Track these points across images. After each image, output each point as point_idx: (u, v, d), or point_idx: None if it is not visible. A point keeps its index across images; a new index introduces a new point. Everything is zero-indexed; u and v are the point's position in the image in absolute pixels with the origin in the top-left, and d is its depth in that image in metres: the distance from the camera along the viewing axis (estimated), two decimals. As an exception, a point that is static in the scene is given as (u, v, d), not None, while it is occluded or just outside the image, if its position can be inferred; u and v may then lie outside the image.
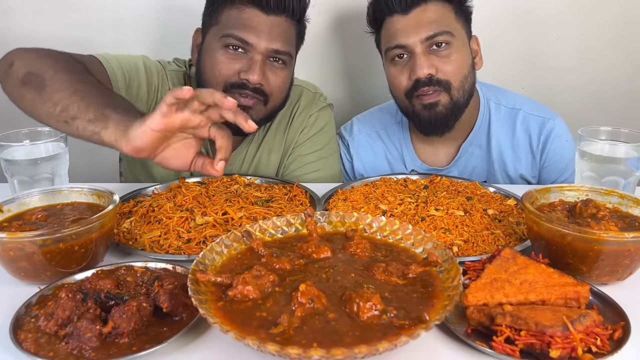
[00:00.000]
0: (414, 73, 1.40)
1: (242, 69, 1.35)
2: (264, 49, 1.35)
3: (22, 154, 1.18)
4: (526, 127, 1.58)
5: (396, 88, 1.48)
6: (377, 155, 1.67)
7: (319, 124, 1.60)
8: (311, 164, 1.58)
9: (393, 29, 1.43)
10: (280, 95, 1.44)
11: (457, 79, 1.43)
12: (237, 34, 1.34)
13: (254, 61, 1.35)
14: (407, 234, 0.93)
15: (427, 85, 1.40)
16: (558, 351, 0.69)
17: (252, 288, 0.76)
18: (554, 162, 1.58)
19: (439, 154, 1.63)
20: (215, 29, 1.39)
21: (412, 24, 1.40)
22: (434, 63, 1.40)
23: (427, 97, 1.42)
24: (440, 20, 1.40)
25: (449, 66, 1.41)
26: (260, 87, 1.37)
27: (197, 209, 1.16)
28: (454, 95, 1.43)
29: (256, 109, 1.40)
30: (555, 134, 1.56)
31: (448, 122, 1.47)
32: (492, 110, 1.59)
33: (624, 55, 2.04)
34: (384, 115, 1.70)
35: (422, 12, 1.39)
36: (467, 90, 1.46)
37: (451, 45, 1.41)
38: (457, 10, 1.45)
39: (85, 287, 0.82)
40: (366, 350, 0.63)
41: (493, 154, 1.59)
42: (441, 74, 1.41)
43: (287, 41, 1.39)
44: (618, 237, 0.86)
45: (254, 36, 1.34)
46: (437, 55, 1.41)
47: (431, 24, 1.39)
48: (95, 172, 2.13)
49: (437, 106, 1.43)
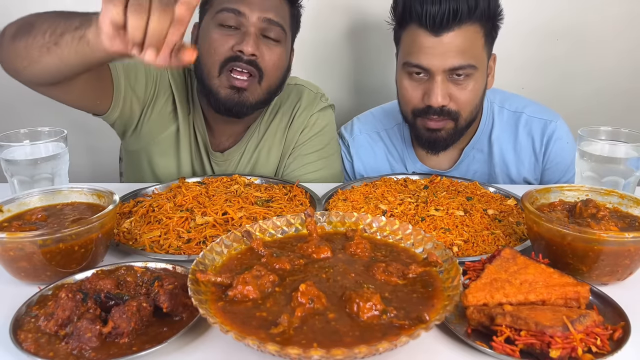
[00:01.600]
0: (428, 98, 1.38)
1: (236, 42, 1.36)
2: (257, 18, 1.35)
3: (22, 154, 1.17)
4: (529, 129, 1.58)
5: (405, 101, 1.46)
6: (378, 156, 1.66)
7: (319, 124, 1.60)
8: (311, 163, 1.58)
9: (418, 45, 1.36)
10: (276, 73, 1.43)
11: (467, 110, 1.42)
12: (230, 6, 1.35)
13: (247, 33, 1.35)
14: (407, 234, 0.93)
15: (437, 114, 1.40)
16: (558, 351, 0.69)
17: (252, 288, 0.76)
18: (556, 164, 1.58)
19: (440, 158, 1.62)
20: (210, 11, 1.41)
21: (439, 50, 1.33)
22: (450, 91, 1.38)
23: (433, 123, 1.42)
24: (469, 51, 1.35)
25: (464, 96, 1.39)
26: (254, 60, 1.36)
27: (197, 209, 1.16)
28: (459, 124, 1.43)
29: (251, 89, 1.39)
30: (557, 136, 1.56)
31: (447, 145, 1.48)
32: (496, 114, 1.59)
33: (626, 56, 2.04)
34: (385, 116, 1.69)
35: (453, 38, 1.33)
36: (474, 116, 1.47)
37: (471, 77, 1.38)
38: (487, 34, 1.39)
39: (85, 287, 0.82)
40: (366, 350, 0.63)
41: (495, 158, 1.59)
42: (453, 104, 1.39)
43: (279, 14, 1.40)
44: (618, 237, 0.86)
45: (246, 6, 1.35)
46: (455, 83, 1.38)
47: (458, 55, 1.34)
48: (95, 172, 2.14)
49: (440, 131, 1.43)
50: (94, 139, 2.10)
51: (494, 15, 1.39)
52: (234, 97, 1.39)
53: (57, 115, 1.71)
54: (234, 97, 1.39)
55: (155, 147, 1.54)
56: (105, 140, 1.97)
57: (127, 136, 1.55)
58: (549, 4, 1.98)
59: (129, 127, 1.52)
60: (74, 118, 1.54)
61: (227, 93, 1.38)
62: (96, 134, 2.04)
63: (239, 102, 1.39)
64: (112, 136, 1.75)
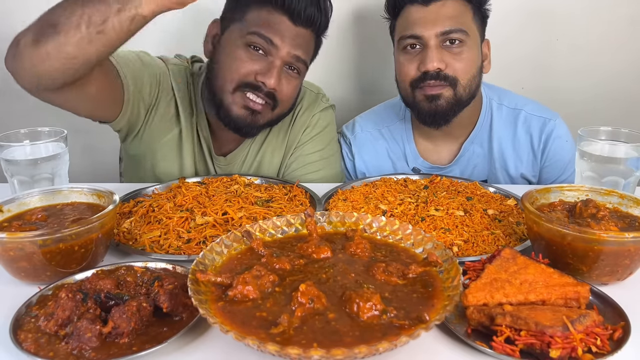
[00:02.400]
0: (424, 65, 1.41)
1: (260, 71, 1.35)
2: (286, 53, 1.35)
3: (22, 154, 1.17)
4: (527, 127, 1.59)
5: (403, 77, 1.49)
6: (380, 154, 1.67)
7: (321, 124, 1.61)
8: (312, 163, 1.58)
9: (411, 19, 1.44)
10: (289, 103, 1.45)
11: (464, 77, 1.44)
12: (264, 33, 1.34)
13: (273, 65, 1.35)
14: (407, 234, 0.93)
15: (434, 78, 1.42)
16: (558, 351, 0.69)
17: (252, 288, 0.76)
18: (554, 162, 1.59)
19: (441, 152, 1.63)
20: (239, 26, 1.38)
21: (430, 17, 1.41)
22: (445, 58, 1.41)
23: (431, 89, 1.43)
24: (458, 18, 1.42)
25: (459, 63, 1.42)
26: (273, 92, 1.37)
27: (197, 209, 1.16)
28: (458, 92, 1.44)
29: (264, 113, 1.40)
30: (555, 134, 1.57)
31: (447, 116, 1.48)
32: (494, 110, 1.60)
33: (626, 56, 2.04)
34: (387, 112, 1.70)
35: (442, 6, 1.41)
36: (472, 90, 1.47)
37: (464, 43, 1.42)
38: (475, 11, 1.46)
39: (85, 287, 0.82)
40: (366, 350, 0.63)
41: (494, 153, 1.60)
42: (450, 69, 1.42)
43: (306, 51, 1.41)
44: (618, 237, 0.86)
45: (280, 39, 1.34)
46: (449, 51, 1.42)
47: (449, 20, 1.40)
48: (95, 172, 2.14)
49: (440, 99, 1.44)
50: (94, 139, 2.10)
51: None
52: (247, 118, 1.39)
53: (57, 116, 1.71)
54: (247, 118, 1.39)
55: (158, 151, 1.52)
56: (105, 140, 1.97)
57: (129, 141, 1.54)
58: (549, 4, 1.98)
59: (132, 131, 1.50)
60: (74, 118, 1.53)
61: (241, 113, 1.38)
62: (96, 134, 2.03)
63: (250, 123, 1.40)
64: (112, 136, 1.75)
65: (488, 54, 1.54)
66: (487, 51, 1.53)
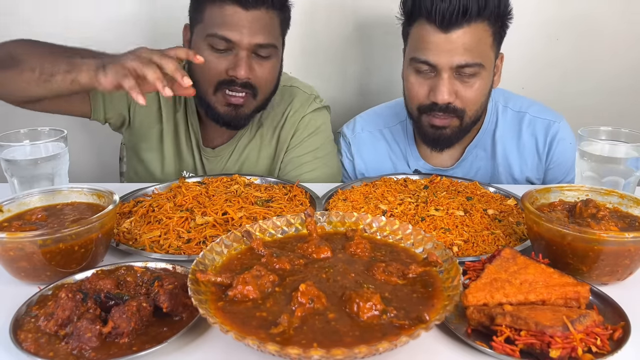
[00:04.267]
0: (434, 95, 1.37)
1: (229, 66, 1.38)
2: (247, 44, 1.36)
3: (22, 154, 1.17)
4: (532, 130, 1.58)
5: (412, 98, 1.45)
6: (380, 154, 1.66)
7: (312, 125, 1.60)
8: (307, 164, 1.58)
9: (426, 41, 1.35)
10: (269, 85, 1.47)
11: (473, 108, 1.42)
12: (220, 33, 1.35)
13: (239, 58, 1.37)
14: (407, 234, 0.93)
15: (442, 111, 1.39)
16: (558, 351, 0.69)
17: (252, 288, 0.76)
18: (559, 164, 1.58)
19: (443, 156, 1.62)
20: (201, 27, 1.40)
21: (447, 47, 1.33)
22: (456, 89, 1.38)
23: (438, 120, 1.41)
24: (476, 49, 1.34)
25: (470, 94, 1.39)
26: (248, 82, 1.39)
27: (197, 209, 1.16)
28: (464, 122, 1.43)
29: (247, 105, 1.44)
30: (560, 136, 1.56)
31: (450, 142, 1.48)
32: (500, 114, 1.59)
33: (626, 56, 2.04)
34: (388, 113, 1.69)
35: (462, 35, 1.32)
36: (479, 114, 1.47)
37: (478, 76, 1.37)
38: (496, 34, 1.38)
39: (85, 287, 0.82)
40: (366, 350, 0.63)
41: (498, 157, 1.59)
42: (459, 101, 1.39)
43: (270, 33, 1.40)
44: (618, 237, 0.86)
45: (237, 33, 1.35)
46: (462, 81, 1.38)
47: (467, 52, 1.33)
48: (95, 172, 2.14)
49: (446, 129, 1.43)
50: (94, 139, 2.10)
51: (503, 14, 1.38)
52: (232, 113, 1.44)
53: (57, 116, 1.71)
54: (232, 112, 1.44)
55: (144, 142, 1.59)
56: (105, 140, 1.97)
57: (123, 131, 1.63)
58: (550, 4, 1.98)
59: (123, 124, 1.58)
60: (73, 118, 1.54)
61: (225, 110, 1.43)
62: (96, 134, 2.04)
63: (236, 116, 1.45)
64: (112, 136, 1.75)
65: (500, 66, 1.50)
66: (499, 64, 1.49)
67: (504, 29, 1.43)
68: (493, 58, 1.42)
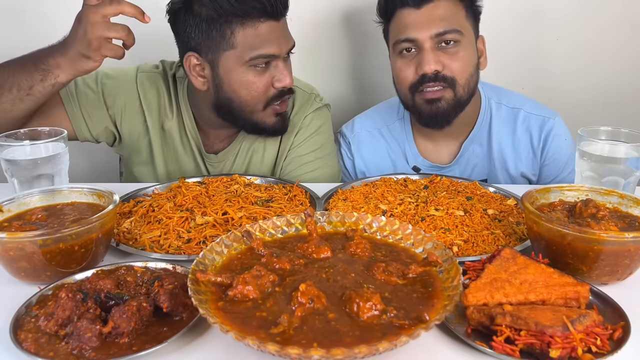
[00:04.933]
0: (421, 68, 1.42)
1: (274, 79, 1.41)
2: (285, 52, 1.41)
3: (22, 154, 1.17)
4: (527, 126, 1.59)
5: (401, 81, 1.49)
6: (379, 153, 1.67)
7: (314, 125, 1.61)
8: (308, 164, 1.58)
9: (404, 22, 1.44)
10: None
11: (463, 77, 1.44)
12: (265, 53, 1.37)
13: (279, 69, 1.40)
14: (407, 234, 0.93)
15: (432, 80, 1.42)
16: (558, 351, 0.69)
17: (252, 288, 0.76)
18: (554, 160, 1.60)
19: (441, 152, 1.64)
20: (234, 54, 1.37)
21: (424, 19, 1.41)
22: (442, 60, 1.42)
23: (431, 93, 1.44)
24: (451, 18, 1.42)
25: (456, 63, 1.43)
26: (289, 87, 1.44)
27: (197, 208, 1.16)
28: (458, 92, 1.45)
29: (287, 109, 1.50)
30: (555, 133, 1.58)
31: (449, 118, 1.49)
32: (494, 110, 1.60)
33: (626, 56, 2.04)
34: (386, 112, 1.70)
35: (434, 8, 1.41)
36: (471, 88, 1.48)
37: (459, 43, 1.43)
38: (467, 8, 1.46)
39: (86, 287, 0.82)
40: (366, 350, 0.63)
41: (494, 152, 1.60)
42: (447, 70, 1.42)
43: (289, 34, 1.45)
44: (618, 237, 0.86)
45: (277, 47, 1.38)
46: (445, 52, 1.42)
47: (442, 21, 1.40)
48: (95, 172, 2.14)
49: (440, 101, 1.45)
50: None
51: None
52: (279, 123, 1.49)
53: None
54: (279, 123, 1.49)
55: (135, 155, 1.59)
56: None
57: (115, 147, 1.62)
58: (549, 4, 1.98)
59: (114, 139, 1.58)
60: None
61: (274, 121, 1.48)
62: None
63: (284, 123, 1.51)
64: (112, 136, 1.75)
65: (484, 50, 1.54)
66: (482, 47, 1.54)
67: (475, 8, 1.49)
68: (471, 32, 1.47)
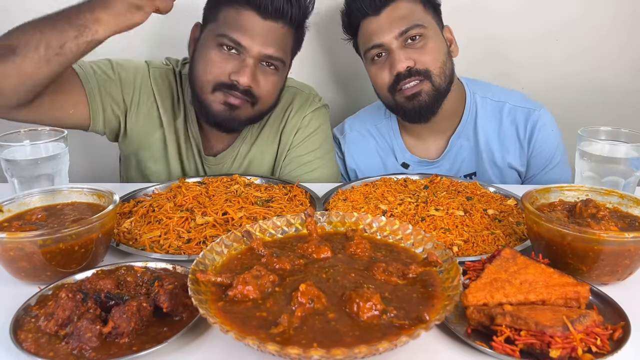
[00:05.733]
0: (394, 68, 1.45)
1: (233, 70, 1.35)
2: (257, 53, 1.35)
3: (22, 154, 1.17)
4: (512, 118, 1.62)
5: (379, 86, 1.52)
6: (369, 152, 1.70)
7: (313, 125, 1.61)
8: (307, 164, 1.58)
9: (368, 31, 1.48)
10: (269, 99, 1.44)
11: (435, 66, 1.47)
12: (231, 35, 1.34)
13: (245, 64, 1.35)
14: (407, 234, 0.93)
15: (407, 77, 1.45)
16: (558, 351, 0.69)
17: (252, 288, 0.76)
18: (541, 152, 1.62)
19: (429, 148, 1.67)
20: (212, 26, 1.39)
21: (385, 23, 1.45)
22: (411, 56, 1.45)
23: (409, 89, 1.46)
24: (410, 15, 1.45)
25: (426, 56, 1.46)
26: (249, 90, 1.37)
27: (197, 209, 1.16)
28: (435, 82, 1.47)
29: (243, 109, 1.40)
30: (540, 124, 1.60)
31: (432, 109, 1.50)
32: (479, 104, 1.63)
33: (626, 56, 2.04)
34: (374, 112, 1.73)
35: (393, 11, 1.45)
36: (448, 75, 1.50)
37: (425, 36, 1.46)
38: (425, 3, 1.50)
39: (86, 287, 0.82)
40: (366, 350, 0.63)
41: (481, 145, 1.62)
42: (419, 64, 1.45)
43: (281, 48, 1.39)
44: (618, 237, 0.86)
45: (249, 39, 1.34)
46: (413, 47, 1.45)
47: (403, 20, 1.44)
48: (95, 172, 2.13)
49: (421, 95, 1.47)
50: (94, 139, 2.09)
51: None
52: (225, 113, 1.39)
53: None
54: (225, 112, 1.39)
55: (146, 150, 1.54)
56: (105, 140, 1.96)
57: (119, 141, 1.57)
58: (549, 4, 1.98)
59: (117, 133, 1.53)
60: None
61: (220, 108, 1.39)
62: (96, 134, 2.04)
63: (229, 118, 1.41)
64: (112, 136, 1.75)
65: (452, 38, 1.57)
66: (450, 36, 1.57)
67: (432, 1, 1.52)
68: (434, 23, 1.51)
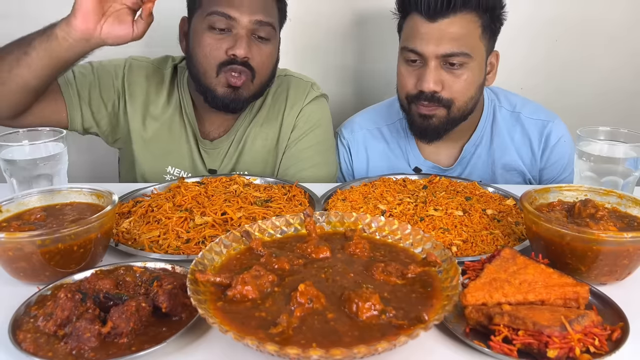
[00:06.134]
0: (421, 84, 1.40)
1: (229, 46, 1.40)
2: (247, 21, 1.39)
3: (21, 154, 1.17)
4: (526, 130, 1.59)
5: (401, 88, 1.49)
6: (379, 153, 1.66)
7: (313, 119, 1.61)
8: (307, 159, 1.59)
9: (415, 31, 1.40)
10: (266, 71, 1.48)
11: (461, 99, 1.42)
12: (220, 10, 1.38)
13: (239, 36, 1.39)
14: (406, 234, 0.94)
15: (429, 100, 1.41)
16: (555, 351, 0.69)
17: (251, 288, 0.76)
18: (554, 163, 1.60)
19: (441, 154, 1.63)
20: (200, 12, 1.43)
21: (435, 35, 1.36)
22: (443, 79, 1.39)
23: (425, 108, 1.43)
24: (463, 39, 1.36)
25: (457, 85, 1.40)
26: (247, 61, 1.41)
27: (196, 209, 1.16)
28: (452, 112, 1.44)
29: (245, 87, 1.45)
30: (554, 136, 1.58)
31: (438, 134, 1.48)
32: (495, 113, 1.60)
33: (626, 56, 2.04)
34: (386, 111, 1.69)
35: (448, 25, 1.35)
36: (469, 109, 1.47)
37: (465, 66, 1.39)
38: (485, 25, 1.40)
39: (84, 287, 0.82)
40: (365, 350, 0.63)
41: (495, 155, 1.60)
42: (446, 92, 1.40)
43: (268, 12, 1.43)
44: (617, 237, 0.86)
45: (236, 10, 1.38)
46: (449, 71, 1.39)
47: (453, 41, 1.36)
48: (94, 172, 2.14)
49: (432, 118, 1.44)
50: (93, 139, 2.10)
51: (492, 7, 1.40)
52: (230, 95, 1.45)
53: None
54: (230, 94, 1.45)
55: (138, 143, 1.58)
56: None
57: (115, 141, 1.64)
58: (549, 4, 1.98)
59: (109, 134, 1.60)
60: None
61: (224, 91, 1.44)
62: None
63: (235, 98, 1.46)
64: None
65: (495, 64, 1.51)
66: (494, 62, 1.50)
67: (496, 23, 1.44)
68: (483, 51, 1.43)
